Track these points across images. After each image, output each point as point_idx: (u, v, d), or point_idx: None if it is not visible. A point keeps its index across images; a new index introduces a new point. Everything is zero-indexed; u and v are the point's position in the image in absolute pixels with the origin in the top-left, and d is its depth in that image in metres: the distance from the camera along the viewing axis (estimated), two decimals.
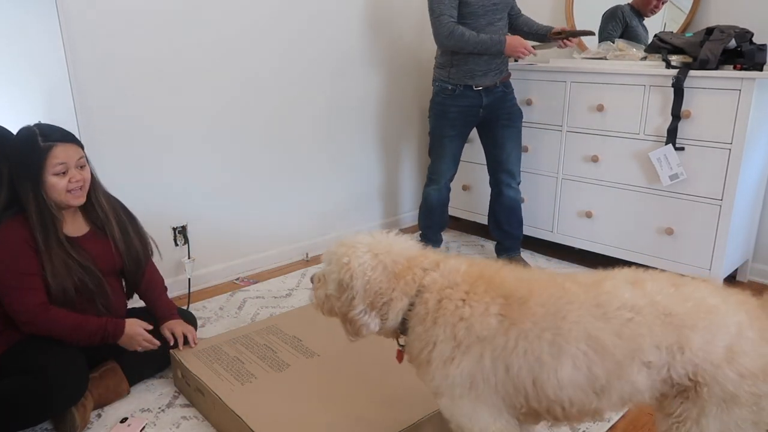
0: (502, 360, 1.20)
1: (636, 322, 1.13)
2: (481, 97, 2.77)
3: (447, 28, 2.62)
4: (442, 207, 3.06)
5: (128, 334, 1.85)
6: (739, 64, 2.46)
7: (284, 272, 3.03)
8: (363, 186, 3.50)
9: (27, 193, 1.73)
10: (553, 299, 1.20)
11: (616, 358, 1.13)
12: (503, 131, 2.85)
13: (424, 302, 1.28)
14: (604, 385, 1.15)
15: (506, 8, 2.76)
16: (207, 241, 2.82)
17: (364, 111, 3.38)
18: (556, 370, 1.16)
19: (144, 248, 2.03)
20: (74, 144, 1.79)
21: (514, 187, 2.93)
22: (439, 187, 2.98)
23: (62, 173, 1.74)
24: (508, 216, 2.96)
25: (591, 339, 1.14)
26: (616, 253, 2.88)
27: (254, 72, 2.82)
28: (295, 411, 1.67)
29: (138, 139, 2.49)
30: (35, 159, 1.71)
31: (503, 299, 1.23)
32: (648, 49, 2.77)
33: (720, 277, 2.57)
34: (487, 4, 2.68)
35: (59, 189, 1.74)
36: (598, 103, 2.80)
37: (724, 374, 1.09)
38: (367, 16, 3.25)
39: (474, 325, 1.22)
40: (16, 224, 1.73)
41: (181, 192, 2.68)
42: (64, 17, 2.19)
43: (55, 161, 1.72)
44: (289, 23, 2.91)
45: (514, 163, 2.90)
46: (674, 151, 2.57)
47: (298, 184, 3.14)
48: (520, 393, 1.21)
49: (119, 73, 2.39)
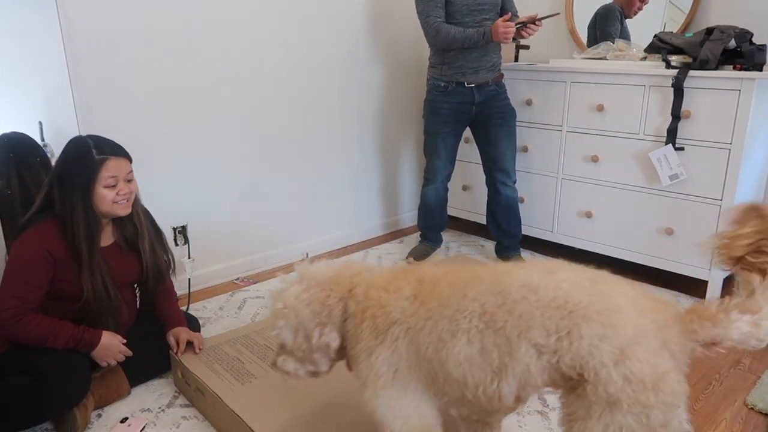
0: (413, 341, 1.20)
1: (530, 302, 1.11)
2: (474, 94, 2.79)
3: (434, 27, 2.69)
4: (440, 207, 3.06)
5: (105, 345, 1.84)
6: (739, 64, 2.46)
7: (284, 272, 3.03)
8: (363, 186, 3.50)
9: (74, 203, 1.75)
10: (461, 280, 1.21)
11: (506, 334, 1.11)
12: (496, 130, 2.86)
13: (353, 297, 1.30)
14: (499, 364, 1.12)
15: (494, 8, 2.77)
16: (207, 241, 2.82)
17: (364, 111, 3.38)
18: (453, 346, 1.15)
19: (167, 262, 2.07)
20: (125, 158, 1.84)
21: (510, 185, 2.94)
22: (435, 186, 2.99)
23: (112, 186, 1.78)
24: (506, 215, 2.97)
25: (485, 314, 1.14)
26: (616, 253, 2.88)
27: (255, 72, 2.83)
28: (295, 411, 1.67)
29: (138, 139, 2.49)
30: (89, 170, 1.75)
31: (417, 282, 1.25)
32: (648, 49, 2.77)
33: (720, 277, 2.57)
34: (472, 4, 2.70)
35: (108, 200, 1.78)
36: (598, 103, 2.80)
37: (608, 375, 1.04)
38: (365, 18, 3.25)
39: (390, 310, 1.23)
40: (47, 231, 1.75)
41: (181, 192, 2.68)
42: (64, 17, 2.19)
43: (107, 174, 1.77)
44: (290, 25, 2.91)
45: (509, 162, 2.91)
46: (674, 151, 2.57)
47: (298, 184, 3.14)
48: (434, 377, 1.21)
49: (119, 73, 2.39)
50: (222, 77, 2.71)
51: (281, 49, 2.90)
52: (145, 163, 2.53)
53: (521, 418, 1.85)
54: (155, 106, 2.52)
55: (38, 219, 1.77)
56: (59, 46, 2.21)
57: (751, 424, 1.85)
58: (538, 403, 1.93)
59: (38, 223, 1.75)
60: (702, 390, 2.02)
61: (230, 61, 2.73)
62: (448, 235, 3.57)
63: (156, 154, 2.57)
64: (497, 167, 2.91)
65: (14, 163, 2.05)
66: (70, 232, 1.75)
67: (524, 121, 3.10)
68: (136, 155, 2.49)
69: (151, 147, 2.54)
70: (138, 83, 2.45)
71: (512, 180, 2.95)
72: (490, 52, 2.78)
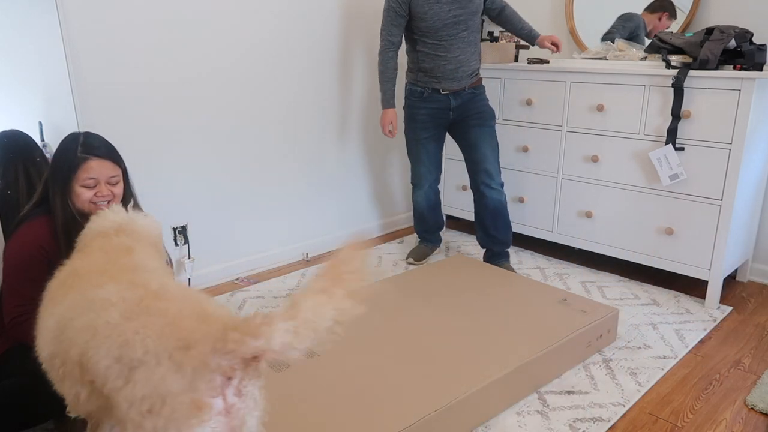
0: None
1: None
2: (449, 100, 2.76)
3: (381, 48, 2.73)
4: (432, 211, 3.03)
5: None
6: (739, 64, 2.46)
7: (284, 272, 3.03)
8: (362, 186, 3.50)
9: (55, 196, 1.74)
10: None
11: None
12: (475, 131, 2.78)
13: None
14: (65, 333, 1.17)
15: (471, 17, 2.67)
16: (207, 241, 2.82)
17: (363, 112, 3.38)
18: None
19: None
20: (111, 161, 1.79)
21: (494, 187, 2.81)
22: (424, 191, 2.95)
23: (91, 186, 1.75)
24: (493, 219, 2.84)
25: None
26: (616, 253, 2.88)
27: (254, 73, 2.83)
28: (295, 411, 1.67)
29: (138, 139, 2.49)
30: (69, 166, 1.73)
31: None
32: (648, 49, 2.77)
33: (720, 277, 2.57)
34: (445, 17, 2.61)
35: (83, 199, 1.76)
36: (598, 103, 2.80)
37: (118, 396, 1.05)
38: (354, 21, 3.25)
39: None
40: (39, 226, 1.73)
41: (181, 192, 2.68)
42: (64, 17, 2.19)
43: (86, 175, 1.74)
44: (289, 25, 2.91)
45: (492, 163, 2.79)
46: (674, 151, 2.57)
47: (298, 184, 3.14)
48: None
49: (119, 73, 2.39)
50: (223, 78, 2.71)
51: (281, 50, 2.90)
52: (145, 163, 2.53)
53: (521, 418, 1.85)
54: (155, 107, 2.52)
55: (33, 214, 1.76)
56: (59, 46, 2.21)
57: (751, 424, 1.85)
58: (538, 403, 1.93)
59: (31, 219, 1.74)
60: (702, 390, 2.02)
61: (231, 62, 2.73)
62: (448, 235, 3.57)
63: (156, 154, 2.56)
64: (479, 168, 2.80)
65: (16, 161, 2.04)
66: (55, 227, 1.73)
67: (524, 121, 3.10)
68: (136, 155, 2.51)
69: (151, 147, 2.54)
70: (138, 83, 2.45)
71: (497, 182, 2.81)
72: (467, 62, 2.71)
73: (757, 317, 2.56)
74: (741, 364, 2.19)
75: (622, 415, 1.88)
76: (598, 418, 1.86)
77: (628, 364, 2.16)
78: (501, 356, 1.92)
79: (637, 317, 2.52)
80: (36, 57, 2.22)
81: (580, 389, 2.00)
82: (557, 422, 1.84)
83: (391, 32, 2.66)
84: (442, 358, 1.91)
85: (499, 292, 2.42)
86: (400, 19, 2.66)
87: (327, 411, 1.67)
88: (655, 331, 2.41)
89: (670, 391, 2.01)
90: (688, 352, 2.26)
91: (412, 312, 2.24)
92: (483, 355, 1.93)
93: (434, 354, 1.94)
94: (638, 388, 2.01)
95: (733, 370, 2.15)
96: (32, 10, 2.17)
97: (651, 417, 1.87)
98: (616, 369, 2.13)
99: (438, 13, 2.62)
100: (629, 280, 2.92)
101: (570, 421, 1.84)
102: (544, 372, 2.01)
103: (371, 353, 1.94)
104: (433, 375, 1.82)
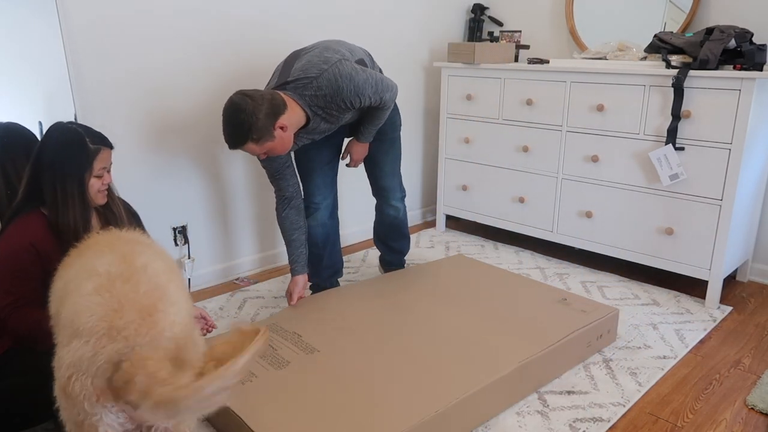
0: None
1: None
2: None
3: (277, 204, 2.41)
4: (324, 246, 2.61)
5: None
6: (739, 64, 2.46)
7: (284, 272, 3.03)
8: (360, 186, 3.49)
9: (70, 191, 1.72)
10: None
11: None
12: (376, 145, 2.53)
13: None
14: None
15: (346, 124, 2.42)
16: (207, 241, 2.82)
17: None
18: None
19: None
20: (112, 148, 1.84)
21: (392, 203, 2.62)
22: (315, 218, 2.53)
23: (99, 176, 1.78)
24: (389, 231, 2.71)
25: None
26: (616, 253, 2.88)
27: (255, 71, 2.83)
28: (296, 409, 1.67)
29: (138, 138, 2.49)
30: (85, 159, 1.73)
31: None
32: (648, 49, 2.77)
33: (720, 277, 2.57)
34: (317, 138, 2.33)
35: (94, 190, 1.78)
36: (598, 103, 2.80)
37: None
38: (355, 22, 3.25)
39: None
40: (31, 223, 1.72)
41: (181, 192, 2.68)
42: (64, 17, 2.19)
43: (101, 165, 1.76)
44: (288, 26, 2.91)
45: (389, 178, 2.58)
46: (674, 151, 2.57)
47: None
48: None
49: (119, 73, 2.39)
50: (223, 78, 2.71)
51: (282, 50, 2.91)
52: (145, 163, 2.54)
53: (521, 418, 1.85)
54: (156, 107, 2.52)
55: (23, 211, 1.74)
56: (59, 46, 2.21)
57: (751, 424, 1.85)
58: (539, 403, 1.93)
59: (21, 216, 1.73)
60: (702, 390, 2.02)
61: (231, 61, 2.73)
62: (448, 235, 3.57)
63: (156, 154, 2.56)
64: (377, 186, 2.62)
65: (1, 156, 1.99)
66: (63, 221, 1.71)
67: (524, 121, 3.10)
68: (137, 155, 2.51)
69: (151, 147, 2.54)
70: (138, 83, 2.45)
71: (397, 196, 2.62)
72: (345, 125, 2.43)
73: (757, 317, 2.56)
74: (741, 364, 2.19)
75: (622, 415, 1.88)
76: (598, 418, 1.86)
77: (628, 364, 2.16)
78: (501, 356, 1.92)
79: (637, 317, 2.52)
80: (36, 57, 2.22)
81: (580, 389, 2.01)
82: (557, 422, 1.84)
83: (279, 187, 2.35)
84: (442, 358, 1.91)
85: (499, 292, 2.42)
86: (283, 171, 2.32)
87: (326, 412, 1.66)
88: (655, 331, 2.41)
89: (670, 391, 2.01)
90: (688, 352, 2.26)
91: (412, 312, 2.24)
92: (483, 355, 1.93)
93: (434, 354, 1.94)
94: (638, 388, 2.02)
95: (733, 370, 2.15)
96: (32, 11, 2.17)
97: (651, 417, 1.88)
98: (616, 369, 2.13)
99: (314, 144, 2.42)
100: (629, 280, 2.92)
101: (570, 421, 1.84)
102: (544, 372, 2.01)
103: (371, 353, 1.94)
104: (433, 375, 1.82)
